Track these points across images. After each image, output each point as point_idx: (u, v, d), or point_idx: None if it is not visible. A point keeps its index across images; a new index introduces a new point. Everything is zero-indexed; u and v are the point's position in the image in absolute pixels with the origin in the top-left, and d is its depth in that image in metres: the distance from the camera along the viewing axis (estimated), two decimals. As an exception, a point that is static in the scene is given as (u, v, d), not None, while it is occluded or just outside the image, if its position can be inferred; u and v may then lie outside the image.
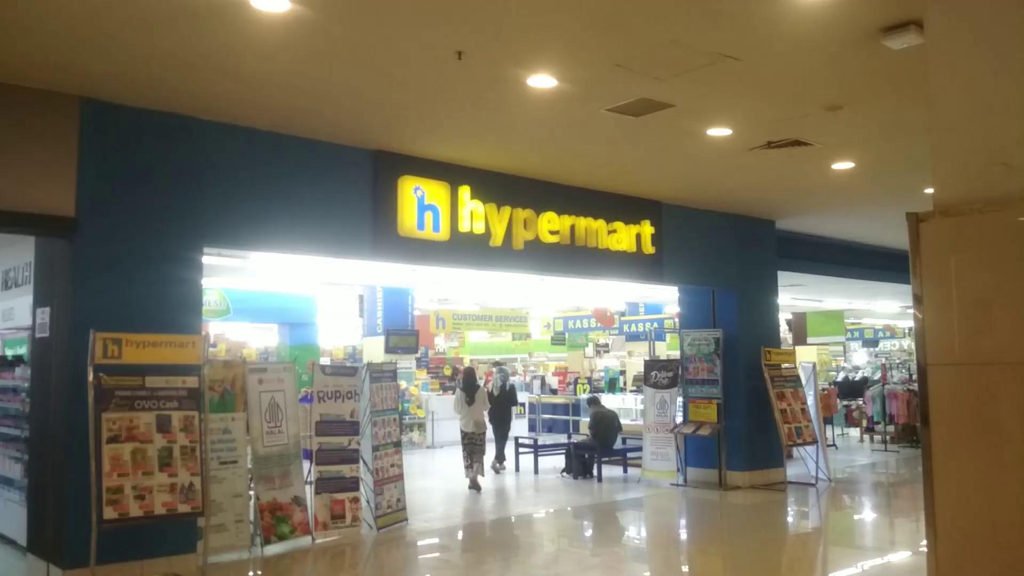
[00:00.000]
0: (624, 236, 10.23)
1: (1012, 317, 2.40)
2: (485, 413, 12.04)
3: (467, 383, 11.92)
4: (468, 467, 11.52)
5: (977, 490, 2.53)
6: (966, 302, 2.39)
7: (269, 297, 15.75)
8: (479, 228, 8.83)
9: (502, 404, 13.29)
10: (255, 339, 20.27)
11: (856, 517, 10.17)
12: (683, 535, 9.26)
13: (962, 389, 2.42)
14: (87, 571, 6.05)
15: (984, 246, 2.37)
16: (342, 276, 14.01)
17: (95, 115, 6.61)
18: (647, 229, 10.49)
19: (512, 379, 13.88)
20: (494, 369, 14.11)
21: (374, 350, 16.54)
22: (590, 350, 26.84)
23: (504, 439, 13.50)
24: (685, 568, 7.74)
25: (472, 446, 11.53)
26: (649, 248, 10.50)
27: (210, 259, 8.99)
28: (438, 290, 18.30)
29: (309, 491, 8.24)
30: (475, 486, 11.34)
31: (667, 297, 15.58)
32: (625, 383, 17.97)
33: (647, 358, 15.22)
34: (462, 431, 11.70)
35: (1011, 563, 2.67)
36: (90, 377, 6.20)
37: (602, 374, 19.19)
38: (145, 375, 6.49)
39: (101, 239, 6.61)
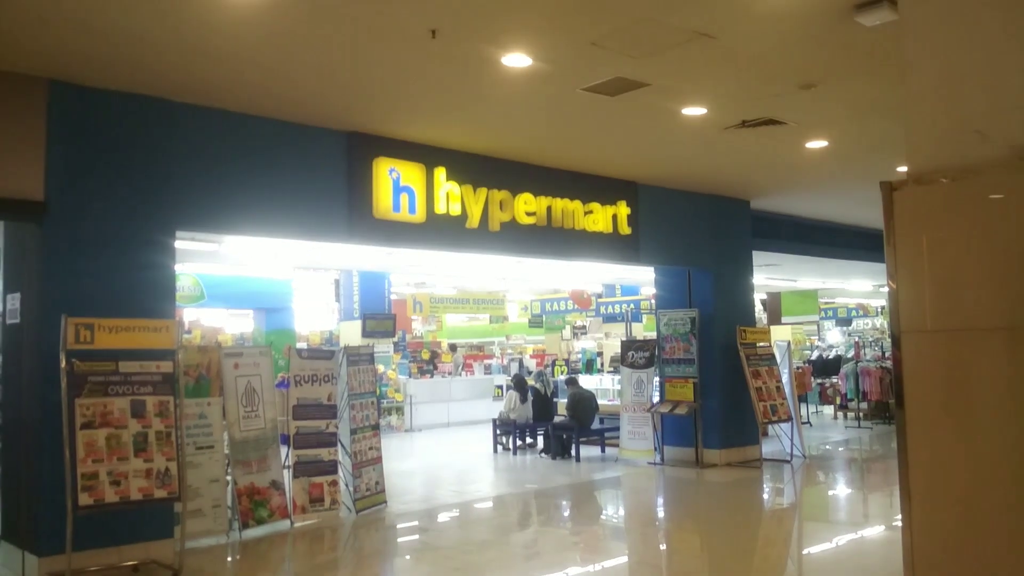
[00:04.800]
0: (600, 217, 10.23)
1: (982, 285, 2.43)
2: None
3: (518, 384, 13.89)
4: (502, 443, 13.71)
5: (950, 457, 2.56)
6: (938, 270, 2.42)
7: (244, 282, 15.58)
8: (455, 210, 8.79)
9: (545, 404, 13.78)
10: (230, 325, 20.09)
11: (830, 492, 10.30)
12: (660, 513, 9.33)
13: (934, 355, 2.45)
14: (63, 558, 5.99)
15: (956, 214, 2.39)
16: (318, 260, 13.94)
17: (63, 97, 6.48)
18: (623, 210, 10.50)
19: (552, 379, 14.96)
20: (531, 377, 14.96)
21: (351, 335, 16.47)
22: (567, 332, 26.94)
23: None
24: (663, 546, 7.81)
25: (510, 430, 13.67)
26: (625, 229, 10.51)
27: (184, 244, 8.90)
28: (415, 274, 18.24)
29: (287, 475, 8.22)
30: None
31: (644, 279, 15.63)
32: (602, 364, 18.05)
33: (624, 339, 15.30)
34: (515, 421, 13.45)
35: (987, 533, 2.71)
36: (63, 363, 6.11)
37: (579, 356, 19.26)
38: (118, 360, 6.41)
39: (71, 223, 6.50)
